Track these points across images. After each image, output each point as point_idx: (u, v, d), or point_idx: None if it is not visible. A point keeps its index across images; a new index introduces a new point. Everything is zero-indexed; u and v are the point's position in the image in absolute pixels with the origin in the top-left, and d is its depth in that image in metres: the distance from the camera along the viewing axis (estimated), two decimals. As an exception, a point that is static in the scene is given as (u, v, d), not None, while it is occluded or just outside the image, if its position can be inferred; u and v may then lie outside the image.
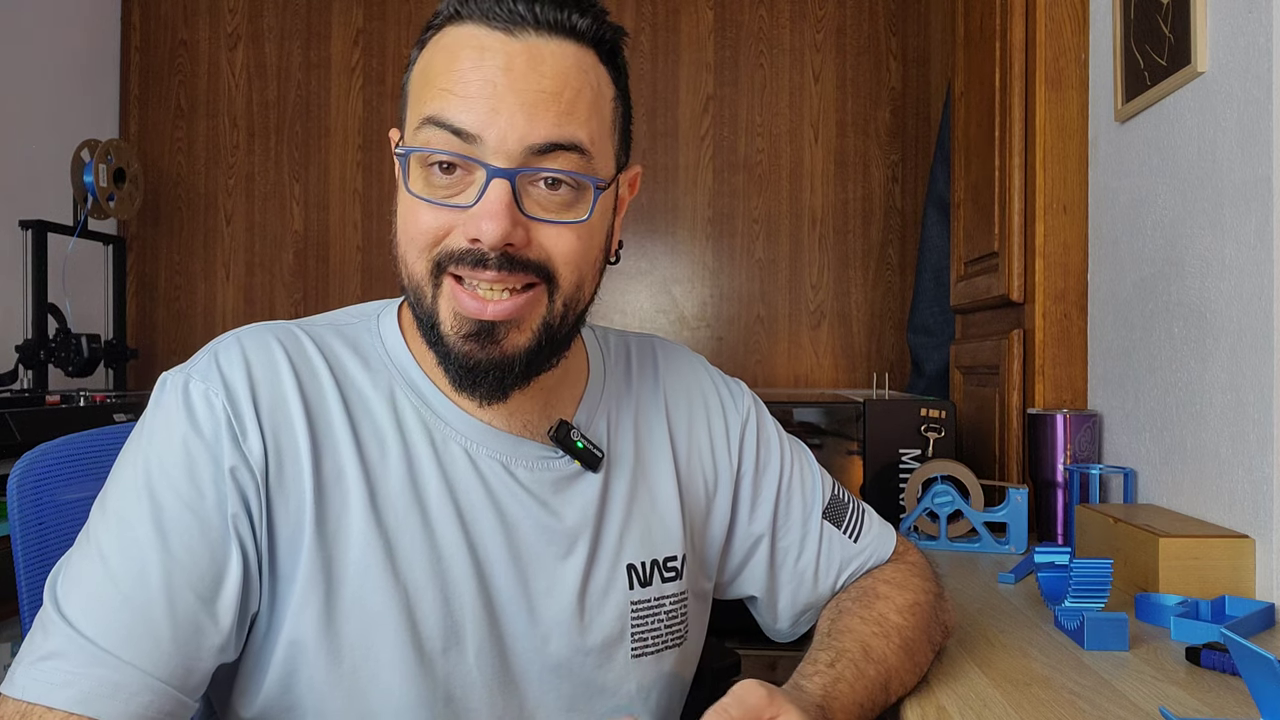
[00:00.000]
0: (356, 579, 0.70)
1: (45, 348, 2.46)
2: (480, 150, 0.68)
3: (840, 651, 0.78)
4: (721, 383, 0.93)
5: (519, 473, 0.77)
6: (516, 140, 0.67)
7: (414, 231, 0.71)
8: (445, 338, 0.71)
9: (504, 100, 0.67)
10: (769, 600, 0.91)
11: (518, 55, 0.68)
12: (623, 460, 0.83)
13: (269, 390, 0.71)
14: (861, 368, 2.82)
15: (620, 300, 2.88)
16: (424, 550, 0.72)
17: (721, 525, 0.89)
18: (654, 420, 0.87)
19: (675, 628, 0.82)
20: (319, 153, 2.94)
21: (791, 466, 0.91)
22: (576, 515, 0.78)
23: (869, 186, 2.83)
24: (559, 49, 0.69)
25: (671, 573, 0.82)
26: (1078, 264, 1.52)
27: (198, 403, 0.68)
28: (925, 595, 0.88)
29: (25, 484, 0.86)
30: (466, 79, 0.68)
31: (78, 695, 0.61)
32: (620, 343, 0.91)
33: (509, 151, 0.67)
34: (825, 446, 1.65)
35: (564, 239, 0.71)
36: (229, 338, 0.74)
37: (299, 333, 0.76)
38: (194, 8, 2.97)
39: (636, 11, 2.87)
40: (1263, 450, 1.02)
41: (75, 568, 0.66)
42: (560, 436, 0.78)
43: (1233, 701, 0.77)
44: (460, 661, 0.73)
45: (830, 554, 0.90)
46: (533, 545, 0.76)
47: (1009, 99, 1.59)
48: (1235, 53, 1.08)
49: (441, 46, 0.70)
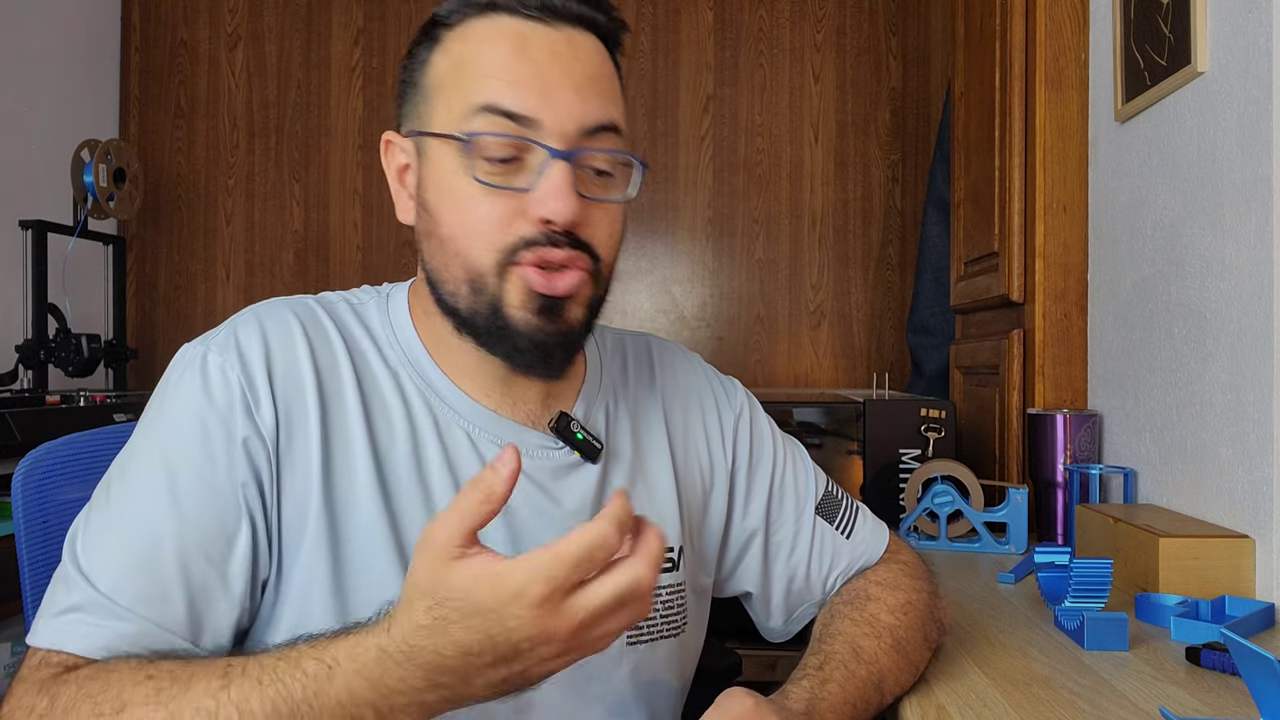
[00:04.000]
0: (361, 548, 0.72)
1: (45, 348, 2.46)
2: (538, 133, 0.70)
3: (829, 654, 0.79)
4: (715, 380, 0.95)
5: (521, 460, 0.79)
6: (572, 122, 0.70)
7: (475, 222, 0.71)
8: (513, 319, 0.72)
9: (556, 84, 0.70)
10: (763, 596, 0.93)
11: (559, 42, 0.71)
12: (620, 453, 0.84)
13: (284, 362, 0.73)
14: (861, 368, 2.82)
15: (620, 300, 2.88)
16: (424, 525, 0.74)
17: (719, 520, 0.90)
18: (651, 415, 0.88)
19: (671, 618, 0.84)
20: (319, 153, 2.94)
21: (785, 462, 0.93)
22: (575, 503, 0.80)
23: (869, 186, 2.83)
24: (585, 38, 0.73)
25: (669, 564, 0.84)
26: (1078, 264, 1.52)
27: (214, 375, 0.71)
28: (918, 594, 0.89)
29: (30, 483, 0.87)
30: (515, 66, 0.70)
31: (100, 644, 0.64)
32: (617, 340, 0.92)
33: (566, 133, 0.70)
34: (825, 446, 1.65)
35: (607, 220, 0.74)
36: (248, 313, 0.76)
37: (316, 307, 0.79)
38: (194, 8, 2.97)
39: (636, 11, 2.87)
40: (1263, 450, 1.02)
41: (94, 530, 0.68)
42: (560, 427, 0.80)
43: (1233, 701, 0.77)
44: None
45: (823, 549, 0.91)
46: (532, 528, 0.78)
47: (1009, 99, 1.59)
48: (1235, 53, 1.09)
49: (476, 38, 0.72)
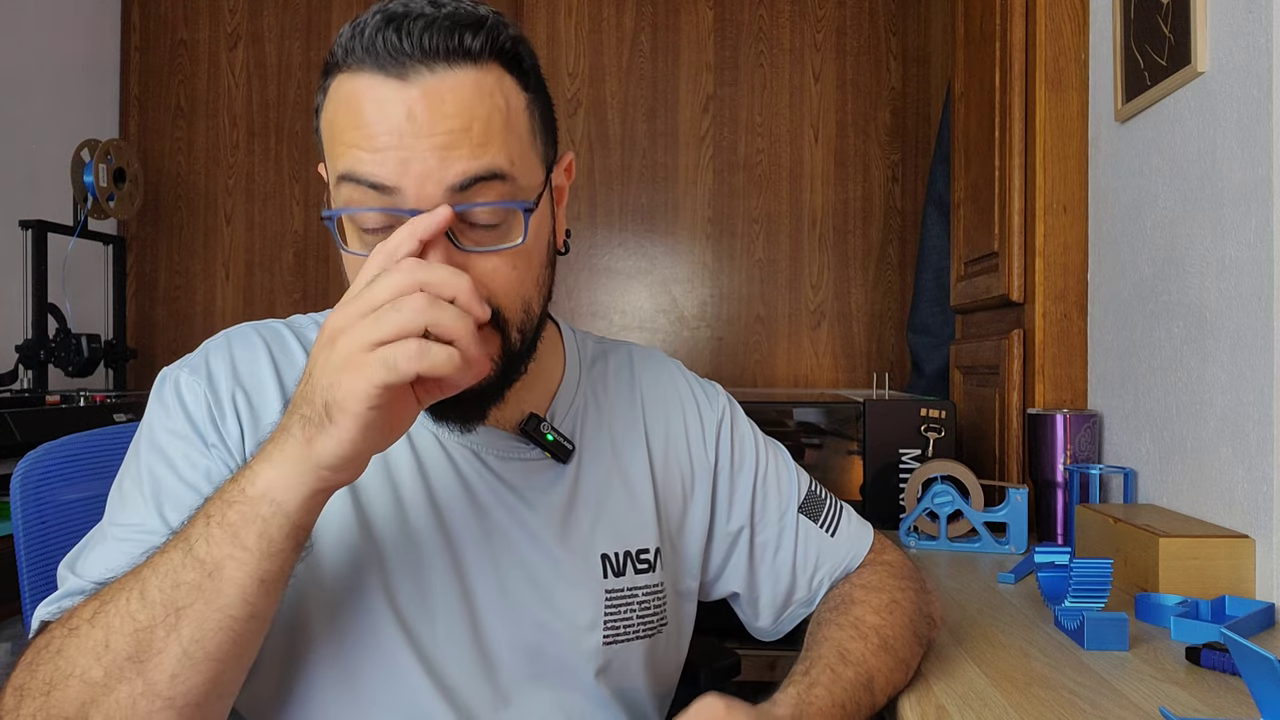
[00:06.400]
0: (332, 554, 0.74)
1: (45, 348, 2.46)
2: (401, 200, 0.66)
3: (815, 659, 0.79)
4: (696, 385, 0.95)
5: (490, 461, 0.80)
6: (435, 185, 0.66)
7: None
8: None
9: (414, 149, 0.65)
10: (750, 596, 0.94)
11: (416, 102, 0.65)
12: (597, 455, 0.85)
13: (249, 378, 0.77)
14: (861, 368, 2.82)
15: (620, 300, 2.88)
16: (396, 527, 0.76)
17: (702, 523, 0.91)
18: (630, 419, 0.89)
19: (648, 619, 0.84)
20: (319, 153, 2.93)
21: (767, 462, 0.94)
22: (547, 504, 0.81)
23: (869, 186, 2.83)
24: (456, 81, 0.66)
25: (645, 564, 0.85)
26: (1078, 264, 1.52)
27: (185, 393, 0.76)
28: (903, 593, 0.89)
29: (28, 483, 0.87)
30: (372, 133, 0.66)
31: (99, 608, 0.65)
32: (598, 348, 0.93)
33: (429, 196, 0.66)
34: (825, 446, 1.65)
35: (501, 273, 0.69)
36: (220, 337, 0.81)
37: (283, 329, 0.82)
38: (194, 8, 2.97)
39: (636, 11, 2.87)
40: (1263, 450, 1.02)
41: (90, 544, 0.73)
42: (530, 429, 0.81)
43: (1233, 701, 0.77)
44: (432, 633, 0.75)
45: (808, 548, 0.92)
46: (505, 529, 0.79)
47: (1009, 99, 1.59)
48: (1235, 53, 1.08)
49: (341, 98, 0.68)
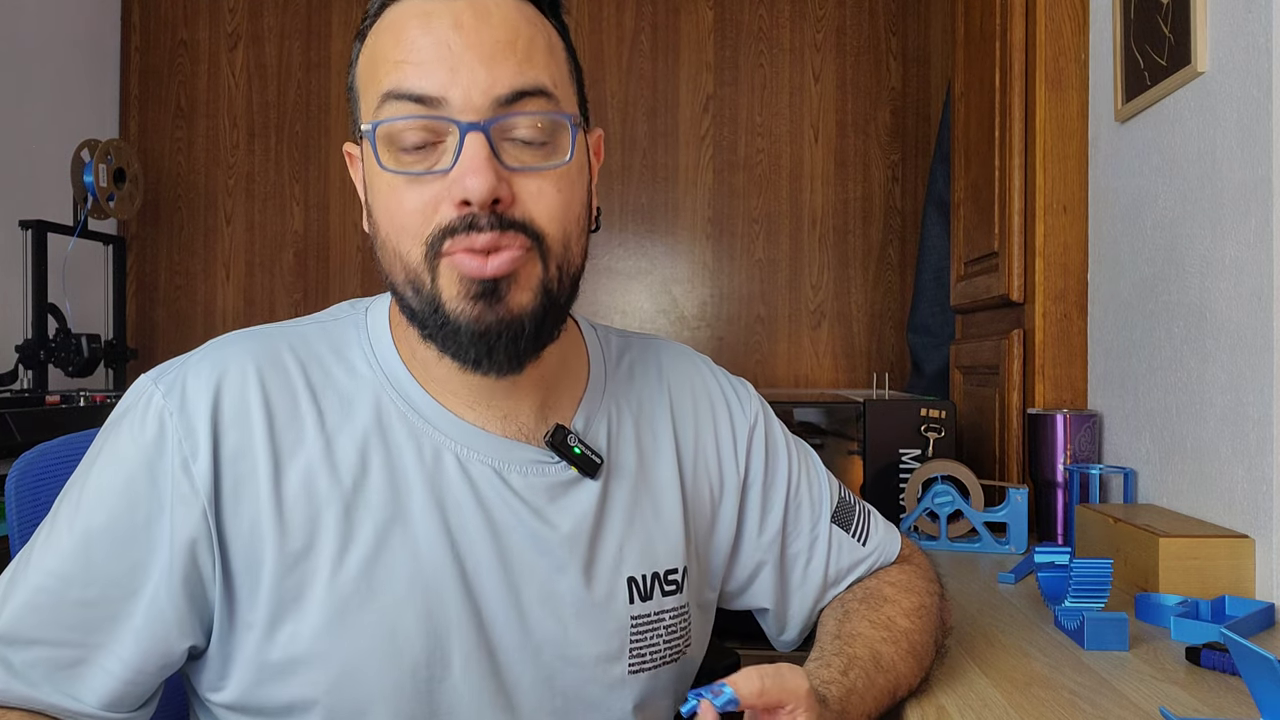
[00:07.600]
0: (331, 594, 0.68)
1: (45, 348, 2.46)
2: (446, 110, 0.65)
3: (852, 659, 0.75)
4: (728, 384, 0.89)
5: (512, 479, 0.73)
6: (481, 94, 0.65)
7: (401, 215, 0.68)
8: (450, 310, 0.68)
9: (461, 58, 0.65)
10: (779, 611, 0.89)
11: (464, 12, 0.66)
12: (624, 467, 0.79)
13: (232, 407, 0.69)
14: (861, 368, 2.82)
15: (620, 300, 2.88)
16: (405, 561, 0.70)
17: (727, 534, 0.85)
18: (659, 424, 0.83)
19: (674, 642, 0.79)
20: (319, 153, 2.94)
21: (800, 472, 0.89)
22: (572, 524, 0.74)
23: (869, 186, 2.83)
24: (502, 1, 0.68)
25: (672, 586, 0.79)
26: (1078, 264, 1.52)
27: (151, 422, 0.68)
28: (930, 597, 0.87)
29: (23, 484, 0.86)
30: (418, 46, 0.66)
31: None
32: (622, 343, 0.87)
33: (477, 106, 0.65)
34: (825, 446, 1.65)
35: (545, 194, 0.68)
36: (206, 350, 0.73)
37: (279, 341, 0.74)
38: (194, 8, 2.97)
39: (636, 11, 2.87)
40: (1263, 450, 1.02)
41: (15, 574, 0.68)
42: (556, 442, 0.75)
43: (1233, 701, 0.77)
44: (446, 675, 0.70)
45: (840, 559, 0.88)
46: (524, 554, 0.73)
47: (1009, 99, 1.58)
48: (1235, 53, 1.08)
49: (385, 27, 0.69)
